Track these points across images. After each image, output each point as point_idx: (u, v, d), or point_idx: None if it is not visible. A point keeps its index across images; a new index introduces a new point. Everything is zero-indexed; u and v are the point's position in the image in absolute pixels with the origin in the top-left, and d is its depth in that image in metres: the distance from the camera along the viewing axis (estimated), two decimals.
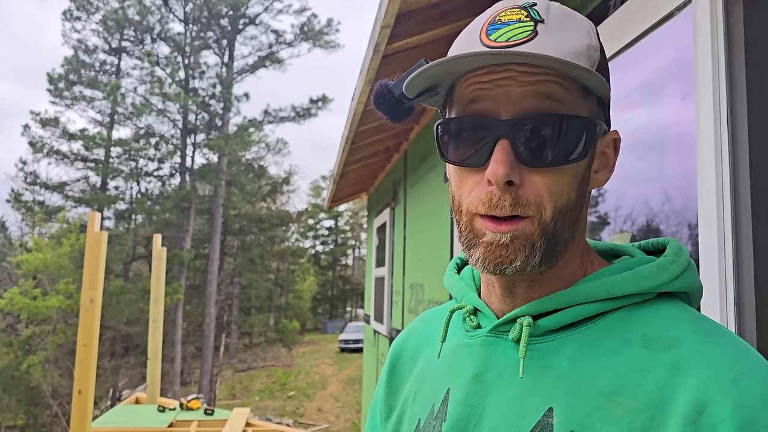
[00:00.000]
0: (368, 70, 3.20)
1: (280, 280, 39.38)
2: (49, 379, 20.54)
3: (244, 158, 31.23)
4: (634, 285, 0.64)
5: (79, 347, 4.55)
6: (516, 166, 0.62)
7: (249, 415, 6.35)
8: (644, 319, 0.63)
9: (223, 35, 29.95)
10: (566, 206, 0.64)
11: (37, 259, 21.22)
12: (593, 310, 0.65)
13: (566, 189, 0.63)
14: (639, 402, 0.57)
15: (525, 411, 0.63)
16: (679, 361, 0.57)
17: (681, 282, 0.66)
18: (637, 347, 0.61)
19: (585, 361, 0.62)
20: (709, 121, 1.27)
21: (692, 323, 0.62)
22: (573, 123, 0.62)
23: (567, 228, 0.65)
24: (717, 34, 1.28)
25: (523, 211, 0.62)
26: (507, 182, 0.61)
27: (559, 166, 0.62)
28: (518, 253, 0.62)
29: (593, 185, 0.70)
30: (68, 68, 27.91)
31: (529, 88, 0.62)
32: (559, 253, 0.65)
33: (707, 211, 1.27)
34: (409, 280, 5.08)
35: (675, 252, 0.68)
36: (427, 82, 0.68)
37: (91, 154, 28.47)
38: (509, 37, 0.63)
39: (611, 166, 0.71)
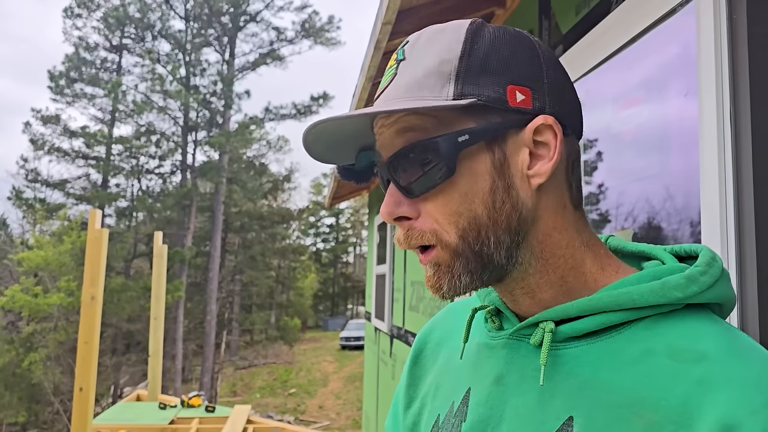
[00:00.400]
0: (369, 67, 3.19)
1: (281, 278, 39.40)
2: (50, 377, 20.58)
3: (245, 156, 31.24)
4: (662, 296, 0.62)
5: (80, 344, 4.55)
6: (405, 201, 0.65)
7: (250, 413, 6.35)
8: (670, 330, 0.61)
9: (224, 32, 29.92)
10: (475, 222, 0.63)
11: (38, 256, 21.25)
12: (617, 318, 0.63)
13: (463, 207, 0.63)
14: (661, 415, 0.55)
15: (544, 418, 0.63)
16: (706, 376, 0.55)
17: (711, 293, 0.63)
18: (661, 358, 0.59)
19: (607, 369, 0.61)
20: (712, 117, 1.26)
21: (722, 337, 0.60)
22: (424, 147, 0.63)
23: (494, 240, 0.63)
24: (720, 30, 1.27)
25: (418, 241, 0.65)
26: (400, 218, 0.65)
27: (432, 190, 0.63)
28: (442, 279, 0.65)
29: (537, 181, 0.64)
30: (69, 65, 27.92)
31: (392, 129, 0.65)
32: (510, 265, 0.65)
33: (710, 208, 1.26)
34: (410, 277, 5.08)
35: (707, 262, 0.65)
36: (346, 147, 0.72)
37: (92, 152, 28.48)
38: (382, 85, 0.69)
39: (552, 154, 0.64)
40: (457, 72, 0.64)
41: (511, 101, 0.64)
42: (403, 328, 5.22)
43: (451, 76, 0.63)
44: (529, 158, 0.65)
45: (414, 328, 4.75)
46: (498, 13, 2.92)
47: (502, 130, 0.64)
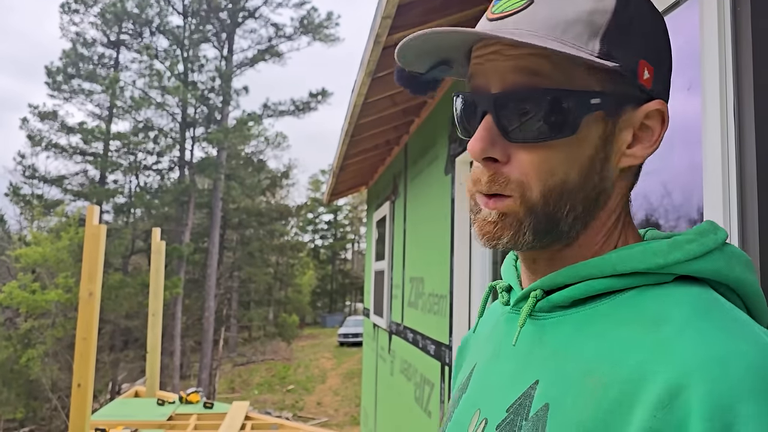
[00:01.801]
0: (369, 62, 3.18)
1: (280, 274, 39.39)
2: (48, 373, 20.58)
3: (243, 152, 31.20)
4: (640, 261, 0.59)
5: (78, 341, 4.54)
6: (500, 142, 0.61)
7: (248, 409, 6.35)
8: (650, 300, 0.58)
9: (222, 28, 29.86)
10: (562, 186, 0.61)
11: (36, 252, 21.23)
12: (600, 286, 0.61)
13: (560, 167, 0.60)
14: (614, 379, 0.53)
15: (516, 382, 0.64)
16: (661, 341, 0.53)
17: (702, 265, 0.60)
18: (629, 325, 0.57)
19: (578, 337, 0.60)
20: (715, 111, 1.25)
21: (693, 304, 0.56)
22: (554, 98, 0.59)
23: (569, 208, 0.61)
24: (724, 23, 1.26)
25: (500, 189, 0.61)
26: (489, 159, 0.61)
27: (540, 142, 0.60)
28: (505, 230, 0.62)
29: (627, 162, 0.64)
30: (66, 61, 27.85)
31: (513, 63, 0.60)
32: (568, 234, 0.63)
33: (713, 203, 1.25)
34: (409, 273, 5.07)
35: (699, 231, 0.62)
36: (432, 58, 0.68)
37: (90, 148, 28.44)
38: (505, 8, 0.62)
39: (654, 140, 0.64)
40: (607, 28, 0.60)
41: (639, 77, 0.61)
42: (402, 325, 5.22)
43: (600, 30, 0.59)
44: (632, 138, 0.63)
45: (413, 325, 4.74)
46: None
47: (624, 103, 0.62)
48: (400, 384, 5.16)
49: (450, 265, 3.68)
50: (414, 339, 4.65)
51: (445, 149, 3.89)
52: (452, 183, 3.69)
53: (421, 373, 4.34)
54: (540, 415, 0.57)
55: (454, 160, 3.65)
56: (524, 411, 0.60)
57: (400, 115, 4.80)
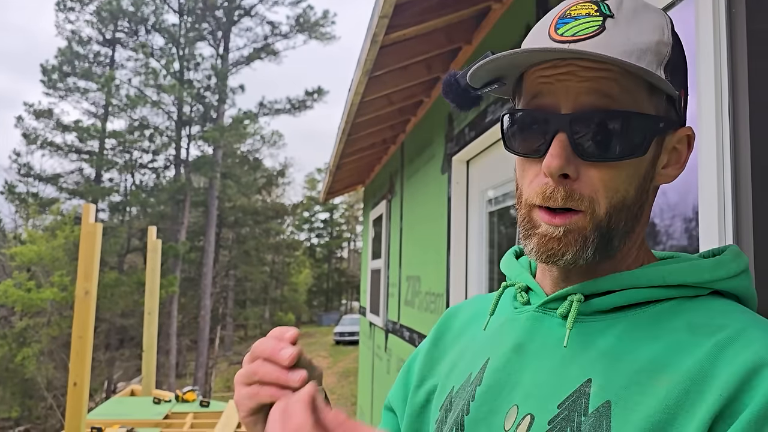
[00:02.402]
0: (365, 61, 3.18)
1: (276, 273, 39.36)
2: (43, 372, 20.52)
3: (239, 150, 31.16)
4: (690, 275, 0.66)
5: (74, 339, 4.53)
6: (573, 159, 0.64)
7: None
8: (693, 311, 0.64)
9: (218, 27, 29.80)
10: (622, 202, 0.65)
11: (31, 251, 21.16)
12: (645, 295, 0.66)
13: (623, 185, 0.65)
14: (678, 377, 0.58)
15: (563, 381, 0.65)
16: (723, 342, 0.58)
17: (736, 282, 0.67)
18: (681, 333, 0.62)
19: (628, 341, 0.64)
20: (710, 111, 1.26)
21: (741, 314, 0.63)
22: (629, 120, 0.63)
23: (624, 224, 0.66)
24: (719, 23, 1.27)
25: (575, 204, 0.64)
26: (562, 175, 0.64)
27: (613, 161, 0.64)
28: (570, 246, 0.65)
29: (661, 181, 0.70)
30: (62, 59, 27.77)
31: (587, 84, 0.63)
32: (616, 248, 0.67)
33: (708, 202, 1.26)
34: (405, 272, 5.08)
35: (735, 253, 0.70)
36: (491, 75, 0.71)
37: (86, 146, 28.37)
38: (576, 32, 0.64)
39: (683, 162, 0.71)
40: (669, 59, 0.65)
41: (681, 104, 0.69)
42: (399, 323, 5.22)
43: (664, 60, 0.64)
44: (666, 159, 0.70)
45: (409, 323, 4.75)
46: (495, 8, 2.92)
47: (671, 128, 0.68)
48: None
49: (446, 264, 3.68)
50: (410, 337, 4.65)
51: (441, 148, 3.89)
52: (449, 182, 3.70)
53: None
54: (602, 411, 0.61)
55: (450, 159, 3.65)
56: (581, 407, 0.62)
57: (396, 113, 4.80)
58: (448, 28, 3.15)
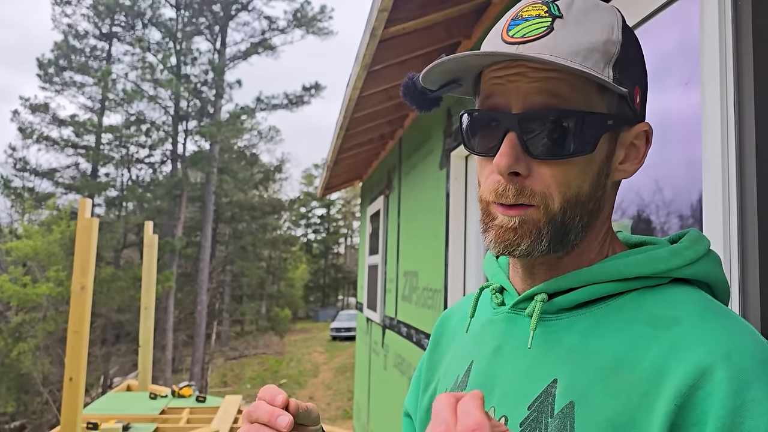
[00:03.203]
0: (364, 55, 3.16)
1: (272, 268, 39.33)
2: (39, 367, 20.48)
3: (236, 146, 31.09)
4: (645, 267, 0.67)
5: (70, 334, 4.51)
6: (523, 157, 0.66)
7: (241, 403, 6.34)
8: (654, 301, 0.66)
9: (215, 21, 29.70)
10: (576, 197, 0.67)
11: (27, 246, 21.10)
12: (605, 290, 0.67)
13: (575, 181, 0.66)
14: (637, 376, 0.60)
15: (532, 381, 0.67)
16: (677, 338, 0.60)
17: (695, 269, 0.69)
18: (641, 325, 0.63)
19: (592, 337, 0.65)
20: (715, 106, 1.25)
21: (695, 304, 0.64)
22: (577, 118, 0.65)
23: (580, 218, 0.68)
24: (725, 17, 1.25)
25: (527, 200, 0.66)
26: (512, 173, 0.66)
27: (562, 159, 0.66)
28: (524, 237, 0.67)
29: (618, 176, 0.71)
30: (58, 53, 27.64)
31: (536, 85, 0.65)
32: (573, 242, 0.69)
33: (712, 198, 1.25)
34: (403, 267, 5.07)
35: (692, 240, 0.71)
36: (445, 77, 0.73)
37: (82, 141, 28.27)
38: (525, 33, 0.66)
39: (641, 158, 0.72)
40: (617, 58, 0.66)
41: (634, 101, 0.70)
42: (396, 319, 5.22)
43: (613, 58, 0.66)
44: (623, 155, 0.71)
45: (407, 319, 4.74)
46: (495, 2, 2.90)
47: (623, 124, 0.70)
48: (394, 378, 5.17)
49: (445, 260, 3.67)
50: (408, 333, 4.65)
51: (440, 144, 3.87)
52: (447, 177, 3.68)
53: (415, 367, 4.34)
54: (566, 412, 0.62)
55: (449, 155, 3.63)
56: (548, 408, 0.64)
57: (395, 109, 4.79)
58: (448, 23, 3.14)
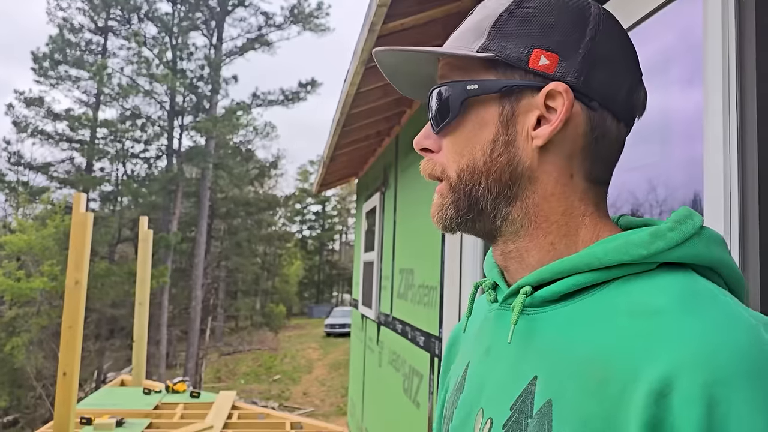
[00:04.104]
0: (363, 51, 3.14)
1: (267, 264, 39.32)
2: (33, 361, 20.42)
3: (231, 141, 31.02)
4: (624, 253, 0.61)
5: (64, 329, 4.49)
6: (432, 135, 0.73)
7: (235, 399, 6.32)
8: (637, 289, 0.60)
9: (211, 16, 29.60)
10: (471, 165, 0.69)
11: (21, 240, 21.01)
12: (587, 279, 0.63)
13: (466, 149, 0.69)
14: (612, 373, 0.55)
15: (514, 379, 0.65)
16: (654, 330, 0.54)
17: (684, 251, 0.61)
18: (620, 316, 0.58)
19: (572, 329, 0.62)
20: (717, 103, 1.24)
21: (680, 291, 0.58)
22: (441, 89, 0.70)
23: (485, 187, 0.68)
24: (728, 14, 1.25)
25: (432, 172, 0.73)
26: (423, 149, 0.73)
27: (443, 129, 0.70)
28: (435, 209, 0.73)
29: (537, 142, 0.67)
30: (53, 47, 27.48)
31: (441, 70, 0.73)
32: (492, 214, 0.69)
33: (714, 196, 1.24)
34: (398, 264, 5.06)
35: (678, 219, 0.64)
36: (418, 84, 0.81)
37: (77, 135, 28.15)
38: None
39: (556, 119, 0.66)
40: (491, 28, 0.68)
41: (532, 63, 0.66)
42: (391, 316, 5.21)
43: (485, 31, 0.69)
44: (536, 120, 0.67)
45: (402, 316, 4.73)
46: None
47: (515, 88, 0.67)
48: (389, 375, 5.16)
49: (441, 257, 3.67)
50: (403, 330, 4.64)
51: None
52: None
53: (410, 364, 4.34)
54: (544, 411, 0.59)
55: None
56: (528, 408, 0.61)
57: (392, 105, 4.77)
58: (446, 19, 3.12)
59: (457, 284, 3.53)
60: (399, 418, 4.65)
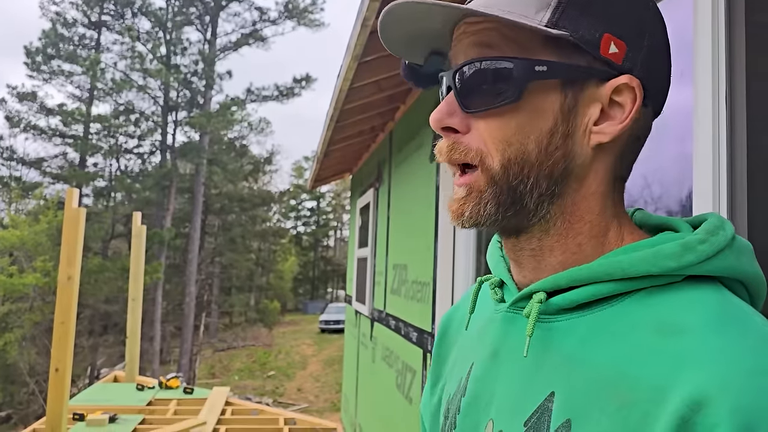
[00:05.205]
0: (356, 46, 3.14)
1: (261, 260, 39.29)
2: (25, 357, 20.36)
3: (226, 137, 30.95)
4: (653, 265, 0.57)
5: (57, 325, 4.48)
6: (459, 113, 0.62)
7: (229, 395, 6.32)
8: (662, 303, 0.57)
9: (205, 11, 29.49)
10: (522, 157, 0.60)
11: (14, 235, 20.93)
12: (608, 290, 0.59)
13: (515, 137, 0.60)
14: (637, 395, 0.51)
15: (528, 393, 0.61)
16: (684, 351, 0.51)
17: (713, 265, 0.58)
18: (646, 333, 0.55)
19: (592, 344, 0.58)
20: (707, 100, 1.24)
21: (711, 309, 0.54)
22: (498, 65, 0.60)
23: (533, 182, 0.61)
24: (718, 12, 1.25)
25: (460, 156, 0.62)
26: (447, 128, 0.63)
27: (489, 110, 0.61)
28: (466, 204, 0.63)
29: (597, 139, 0.61)
30: (46, 42, 27.35)
31: (473, 38, 0.62)
32: (533, 211, 0.62)
33: (703, 192, 1.25)
34: (392, 260, 5.07)
35: (709, 230, 0.60)
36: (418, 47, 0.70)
37: (70, 130, 28.03)
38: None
39: (625, 118, 0.61)
40: (559, 1, 0.60)
41: (603, 50, 0.60)
42: (385, 311, 5.21)
43: (552, 2, 0.60)
44: (599, 114, 0.62)
45: (396, 312, 4.74)
46: None
47: (583, 76, 0.61)
48: (382, 371, 5.17)
49: (434, 253, 3.67)
50: (396, 326, 4.65)
51: (430, 137, 3.87)
52: (437, 171, 3.68)
53: (403, 360, 4.35)
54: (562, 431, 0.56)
55: None
56: (544, 426, 0.57)
57: (386, 101, 4.77)
58: None
59: (449, 280, 3.53)
60: (392, 414, 4.66)
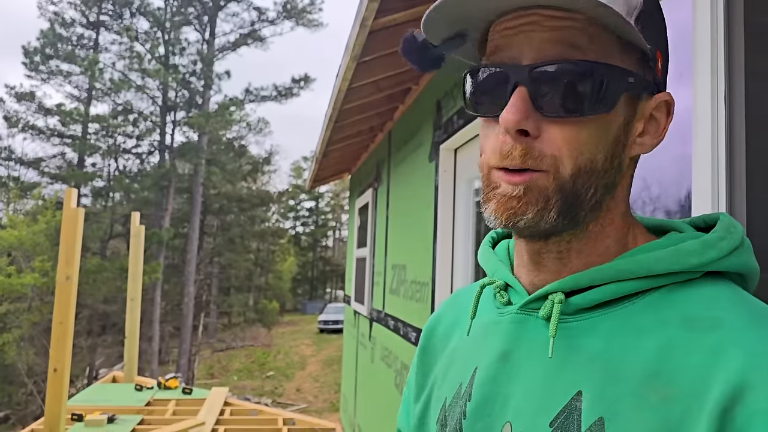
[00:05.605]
0: (354, 46, 3.14)
1: (260, 261, 39.27)
2: (24, 357, 20.34)
3: (224, 137, 30.94)
4: (676, 262, 0.59)
5: (55, 325, 4.47)
6: (533, 115, 0.58)
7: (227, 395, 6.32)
8: (686, 299, 0.58)
9: (204, 11, 29.48)
10: (590, 166, 0.59)
11: (12, 235, 20.91)
12: (630, 288, 0.60)
13: (588, 147, 0.58)
14: (677, 390, 0.52)
15: (553, 393, 0.60)
16: (720, 344, 0.52)
17: (731, 261, 0.61)
18: (675, 328, 0.56)
19: (619, 342, 0.58)
20: (706, 100, 1.24)
21: (739, 304, 0.56)
22: (594, 71, 0.57)
23: (593, 191, 0.60)
24: (716, 12, 1.25)
25: (535, 163, 0.58)
26: (520, 131, 0.58)
27: (575, 117, 0.58)
28: (530, 205, 0.59)
29: (636, 150, 0.63)
30: (44, 41, 27.32)
31: (552, 34, 0.58)
32: (583, 218, 0.61)
33: (702, 192, 1.25)
34: (391, 260, 5.06)
35: (725, 228, 0.62)
36: (449, 28, 0.64)
37: (68, 130, 28.02)
38: None
39: (661, 131, 0.64)
40: (641, 11, 0.59)
41: (655, 65, 0.61)
42: (383, 312, 5.21)
43: (635, 10, 0.58)
44: (642, 127, 0.63)
45: (394, 312, 4.74)
46: None
47: (648, 89, 0.62)
48: (381, 371, 5.17)
49: (433, 253, 3.67)
50: (395, 326, 4.64)
51: (429, 136, 3.86)
52: (436, 170, 3.68)
53: (401, 360, 4.34)
54: (595, 430, 0.55)
55: (438, 148, 3.62)
56: (574, 426, 0.57)
57: (384, 101, 4.77)
58: None
59: (448, 280, 3.53)
60: (391, 414, 4.66)
